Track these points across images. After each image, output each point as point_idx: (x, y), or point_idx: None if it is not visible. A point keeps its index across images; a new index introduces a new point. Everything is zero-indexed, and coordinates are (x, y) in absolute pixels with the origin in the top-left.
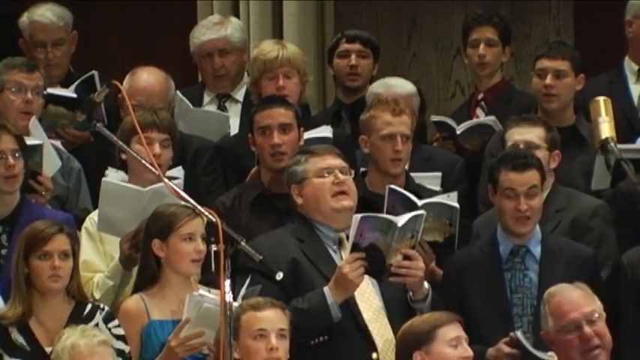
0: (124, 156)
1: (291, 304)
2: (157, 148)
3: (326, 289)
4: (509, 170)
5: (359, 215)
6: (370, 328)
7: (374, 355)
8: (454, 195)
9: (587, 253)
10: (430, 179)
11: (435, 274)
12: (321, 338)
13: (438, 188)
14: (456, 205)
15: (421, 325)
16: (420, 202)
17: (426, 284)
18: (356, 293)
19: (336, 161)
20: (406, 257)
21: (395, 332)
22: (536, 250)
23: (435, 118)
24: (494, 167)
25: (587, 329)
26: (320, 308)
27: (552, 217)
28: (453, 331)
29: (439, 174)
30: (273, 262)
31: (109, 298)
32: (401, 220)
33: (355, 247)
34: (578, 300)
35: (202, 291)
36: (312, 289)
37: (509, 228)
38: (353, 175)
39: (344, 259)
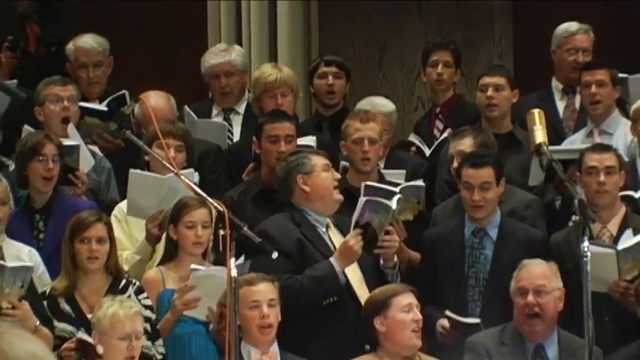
0: (147, 157)
1: (305, 273)
2: (172, 152)
3: (332, 259)
4: (469, 167)
5: (364, 198)
6: (357, 293)
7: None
8: (420, 180)
9: (538, 236)
10: (396, 175)
11: (404, 251)
12: (332, 299)
13: (402, 182)
14: (422, 183)
15: (379, 295)
16: (397, 189)
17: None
18: None
19: (328, 160)
20: (386, 232)
21: None
22: (493, 232)
23: (412, 137)
24: (460, 165)
25: (530, 297)
26: (331, 274)
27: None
28: (405, 299)
29: (403, 171)
30: (268, 244)
31: (136, 269)
32: (394, 204)
33: (356, 225)
34: (536, 273)
35: (199, 265)
36: (314, 263)
37: (468, 213)
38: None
39: (350, 234)
